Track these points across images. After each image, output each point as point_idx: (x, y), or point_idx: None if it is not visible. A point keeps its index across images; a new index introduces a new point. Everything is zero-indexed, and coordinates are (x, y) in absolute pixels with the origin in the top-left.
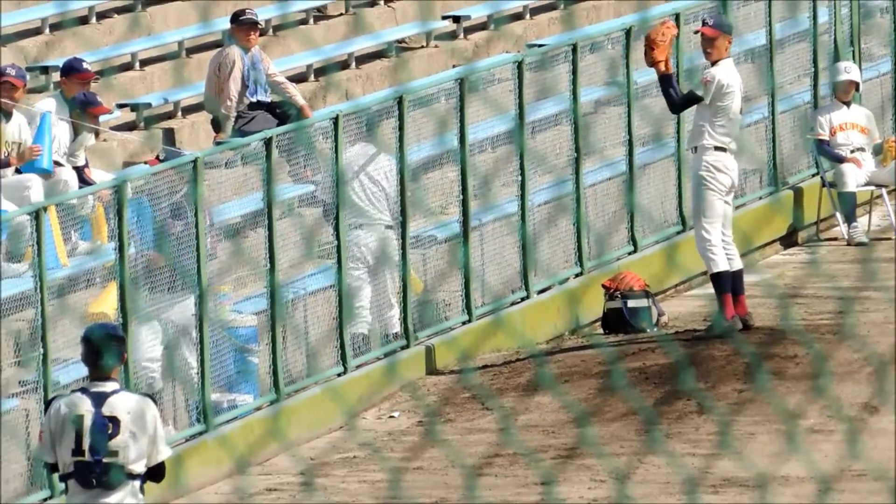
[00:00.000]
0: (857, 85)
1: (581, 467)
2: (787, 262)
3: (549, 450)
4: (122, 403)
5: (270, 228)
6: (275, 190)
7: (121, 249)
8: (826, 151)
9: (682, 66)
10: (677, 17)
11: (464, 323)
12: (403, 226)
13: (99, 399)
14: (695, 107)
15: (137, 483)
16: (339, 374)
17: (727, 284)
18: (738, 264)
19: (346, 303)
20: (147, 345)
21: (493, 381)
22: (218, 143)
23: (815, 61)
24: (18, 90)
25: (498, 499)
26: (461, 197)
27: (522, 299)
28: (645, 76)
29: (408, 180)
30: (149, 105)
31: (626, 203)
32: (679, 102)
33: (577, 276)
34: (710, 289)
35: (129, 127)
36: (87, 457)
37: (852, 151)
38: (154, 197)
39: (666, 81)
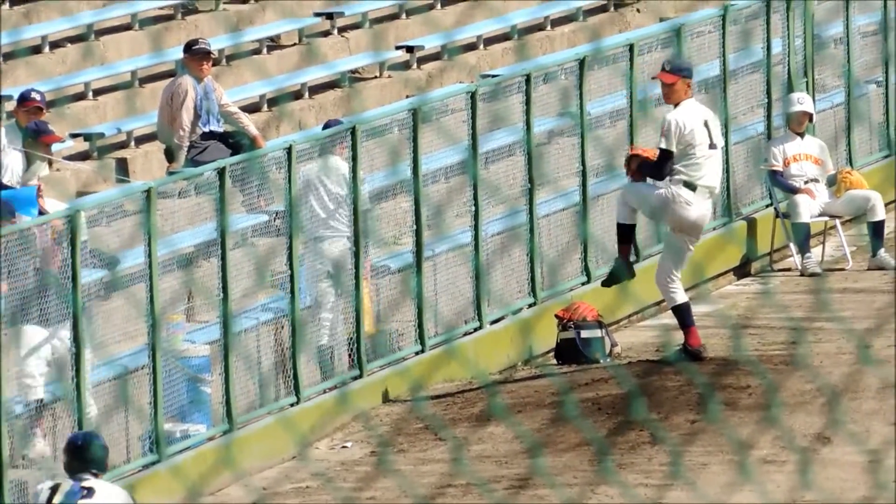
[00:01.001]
0: (810, 116)
1: (534, 497)
2: (740, 293)
3: (502, 480)
4: (101, 484)
5: (224, 258)
6: (228, 220)
7: (73, 278)
8: (780, 182)
9: (636, 97)
10: (631, 47)
11: (417, 353)
12: (356, 255)
13: (80, 479)
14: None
15: None
16: (291, 404)
17: (690, 315)
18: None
19: (298, 332)
20: (32, 359)
21: (445, 412)
22: (171, 173)
23: (768, 92)
24: None
25: None
26: (415, 227)
27: (475, 329)
28: (598, 107)
29: (361, 209)
30: (102, 135)
31: (579, 233)
32: (658, 167)
33: (530, 306)
34: (663, 319)
35: (83, 156)
36: None
37: (806, 182)
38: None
39: (644, 170)
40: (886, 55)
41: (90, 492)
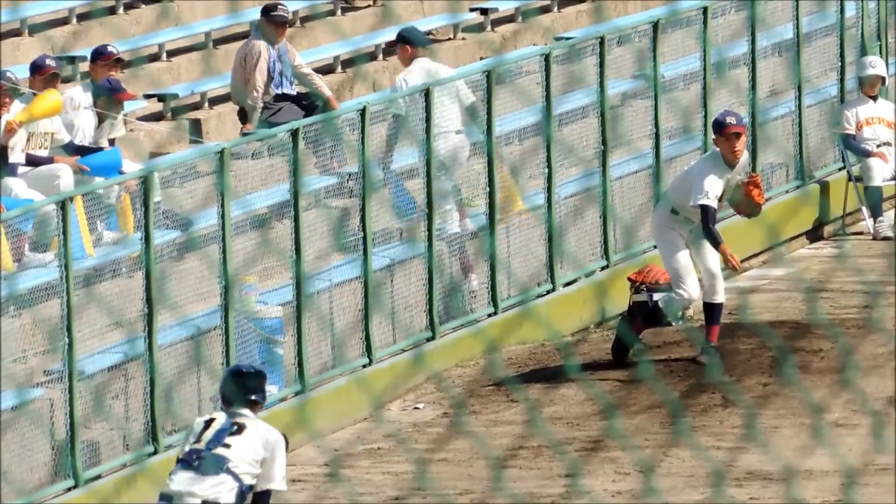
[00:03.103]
0: (883, 79)
1: (606, 460)
2: (813, 256)
3: (574, 442)
4: (253, 421)
5: (297, 219)
6: (301, 181)
7: (146, 240)
8: (852, 146)
9: (710, 59)
10: (705, 10)
11: (490, 315)
12: (429, 217)
13: (233, 414)
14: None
15: (236, 487)
16: (364, 366)
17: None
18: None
19: (371, 293)
20: None
21: (518, 373)
22: (245, 134)
23: (842, 55)
24: (56, 82)
25: (523, 491)
26: (488, 189)
27: (548, 291)
28: (672, 69)
29: (434, 172)
30: (175, 96)
31: (653, 195)
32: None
33: (603, 268)
34: (737, 282)
35: (157, 117)
36: (202, 444)
37: (879, 146)
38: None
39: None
40: None
41: (240, 428)
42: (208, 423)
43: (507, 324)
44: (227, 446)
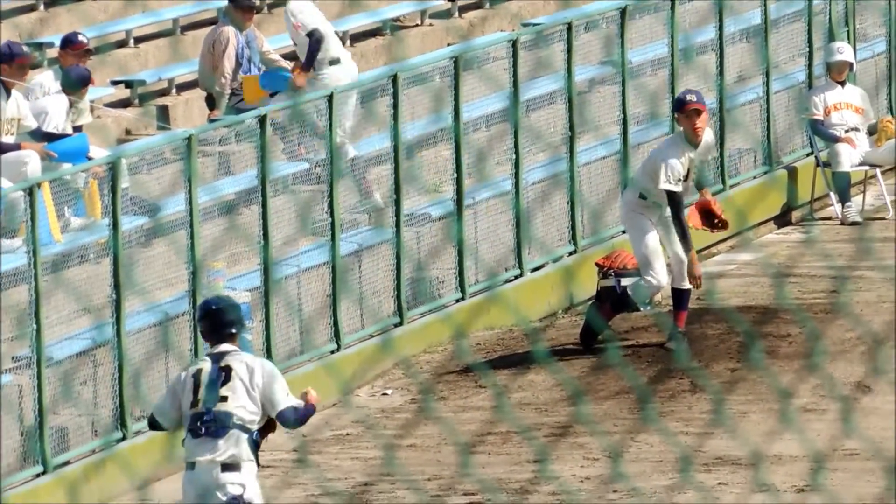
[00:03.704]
0: (851, 65)
1: (574, 445)
2: (780, 241)
3: (542, 427)
4: (237, 358)
5: (265, 205)
6: (269, 167)
7: (114, 225)
8: (821, 131)
9: (678, 45)
10: None
11: (457, 300)
12: (397, 203)
13: (217, 357)
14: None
15: (247, 438)
16: (332, 351)
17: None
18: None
19: (339, 279)
20: None
21: (486, 359)
22: (212, 121)
23: (809, 41)
24: (27, 69)
25: (491, 476)
26: (455, 175)
27: (516, 277)
28: (639, 55)
29: (402, 158)
30: (143, 82)
31: (620, 181)
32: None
33: (571, 253)
34: (706, 267)
35: (124, 104)
36: (201, 406)
37: (847, 131)
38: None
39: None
40: None
41: (228, 374)
42: (196, 378)
43: (474, 309)
44: (224, 399)
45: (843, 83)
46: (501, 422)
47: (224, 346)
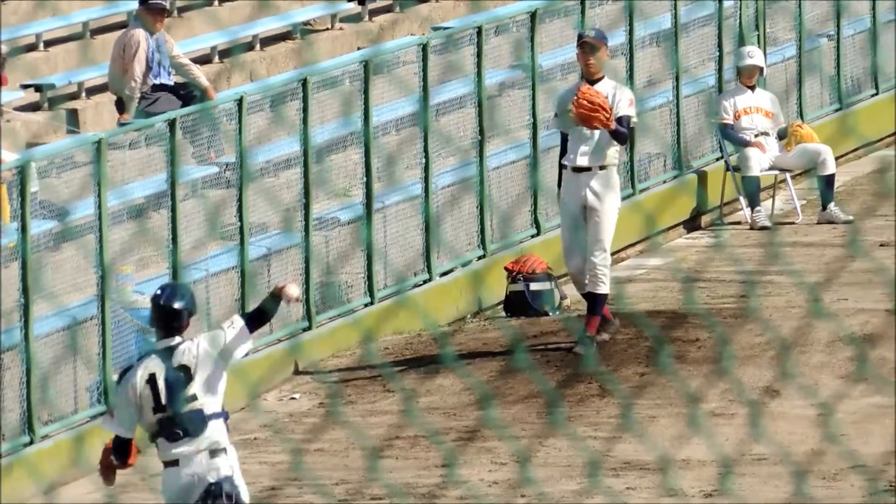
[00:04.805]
0: (761, 69)
1: (482, 450)
2: (690, 246)
3: (450, 432)
4: (184, 351)
5: (174, 209)
6: (178, 171)
7: (23, 229)
8: (730, 135)
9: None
10: (583, 0)
11: (366, 305)
12: (307, 207)
13: (165, 356)
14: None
15: (221, 421)
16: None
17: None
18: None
19: (248, 283)
20: None
21: (394, 363)
22: (122, 124)
23: (719, 45)
24: None
25: (399, 481)
26: (365, 178)
27: (425, 281)
28: (549, 59)
29: (311, 161)
30: (53, 86)
31: (530, 185)
32: (627, 135)
33: (480, 258)
34: (614, 271)
35: (34, 107)
36: (168, 411)
37: (756, 136)
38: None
39: (617, 131)
40: (838, 8)
41: (187, 372)
42: (152, 384)
43: (383, 313)
44: (194, 398)
45: (753, 87)
46: (409, 426)
47: (168, 341)
